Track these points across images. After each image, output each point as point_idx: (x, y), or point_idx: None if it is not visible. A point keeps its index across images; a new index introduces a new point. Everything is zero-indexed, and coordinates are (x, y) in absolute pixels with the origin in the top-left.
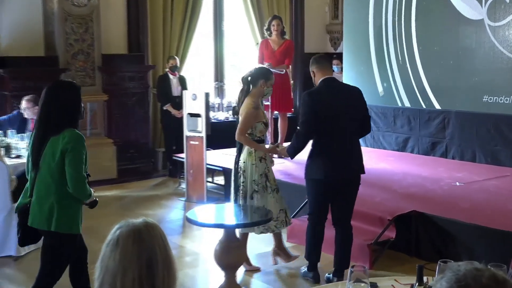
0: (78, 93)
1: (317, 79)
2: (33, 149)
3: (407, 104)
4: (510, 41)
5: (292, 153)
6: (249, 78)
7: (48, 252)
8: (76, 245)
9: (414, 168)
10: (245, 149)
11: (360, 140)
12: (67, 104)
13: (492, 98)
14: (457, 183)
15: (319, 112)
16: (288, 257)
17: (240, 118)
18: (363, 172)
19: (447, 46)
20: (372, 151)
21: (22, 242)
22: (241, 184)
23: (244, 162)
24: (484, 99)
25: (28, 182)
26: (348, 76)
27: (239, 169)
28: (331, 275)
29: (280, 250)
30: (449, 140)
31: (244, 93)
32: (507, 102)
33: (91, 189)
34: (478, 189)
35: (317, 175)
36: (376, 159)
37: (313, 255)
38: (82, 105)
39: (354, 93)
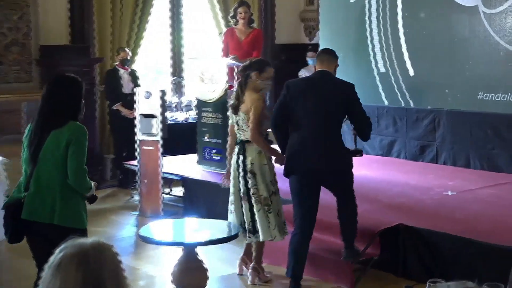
0: (82, 87)
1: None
2: (31, 142)
3: (392, 102)
4: (508, 30)
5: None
6: (243, 69)
7: (46, 248)
8: None
9: (400, 175)
10: (252, 149)
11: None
12: (72, 97)
13: (488, 95)
14: (449, 192)
15: (291, 102)
16: (265, 276)
17: (251, 116)
18: (343, 167)
19: (437, 36)
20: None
21: (13, 239)
22: (252, 188)
23: (252, 163)
24: (479, 96)
25: (23, 177)
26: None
27: (246, 172)
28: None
29: (259, 268)
30: (440, 143)
31: (242, 86)
32: (505, 99)
33: (91, 182)
34: (473, 199)
35: (288, 165)
36: (358, 166)
37: (297, 270)
38: (83, 100)
39: (343, 88)
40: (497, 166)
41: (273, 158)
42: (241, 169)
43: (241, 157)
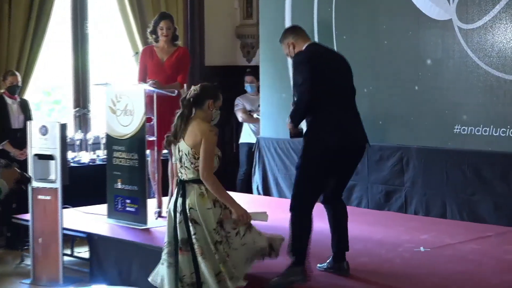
0: None
1: (299, 48)
2: None
3: None
4: (488, 50)
5: (297, 122)
6: (192, 98)
7: None
8: None
9: (362, 228)
10: (193, 191)
11: (285, 189)
12: None
13: (466, 128)
14: (422, 249)
15: (321, 72)
16: None
17: (202, 149)
18: (368, 142)
19: (402, 56)
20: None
21: None
22: (193, 237)
23: (191, 208)
24: (455, 130)
25: None
26: (266, 99)
27: (187, 219)
28: (325, 264)
29: None
30: (409, 187)
31: (185, 119)
32: (487, 133)
33: None
34: (451, 257)
35: (325, 142)
36: (315, 217)
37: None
38: None
39: (345, 60)
40: (479, 216)
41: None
42: (178, 215)
43: (180, 200)
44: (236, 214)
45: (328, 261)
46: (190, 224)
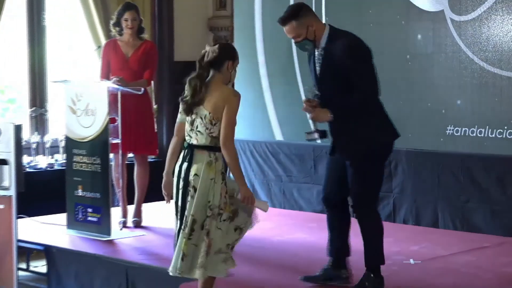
0: None
1: (320, 31)
2: None
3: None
4: (483, 43)
5: (345, 118)
6: (211, 60)
7: None
8: None
9: (353, 239)
10: (202, 157)
11: (262, 197)
12: None
13: (459, 129)
14: (412, 261)
15: (372, 63)
16: None
17: (225, 116)
18: None
19: (390, 50)
20: (283, 213)
21: None
22: (188, 205)
23: (195, 174)
24: (448, 131)
25: None
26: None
27: (188, 185)
28: (318, 274)
29: None
30: (398, 194)
31: (203, 80)
32: (482, 135)
33: None
34: (443, 269)
35: (387, 138)
36: (290, 227)
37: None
38: None
39: None
40: (474, 225)
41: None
42: (181, 181)
43: (185, 165)
44: (242, 194)
45: (323, 268)
46: (188, 190)
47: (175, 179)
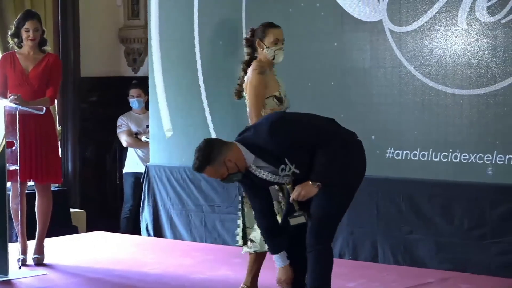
0: None
1: (239, 157)
2: None
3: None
4: (425, 57)
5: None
6: (245, 43)
7: None
8: None
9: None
10: None
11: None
12: None
13: (400, 152)
14: None
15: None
16: None
17: (248, 94)
18: None
19: (322, 65)
20: (204, 248)
21: None
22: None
23: None
24: (387, 155)
25: None
26: (156, 118)
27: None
28: None
29: None
30: None
31: (245, 64)
32: (425, 158)
33: None
34: None
35: (358, 177)
36: (212, 263)
37: None
38: None
39: None
40: (417, 258)
41: None
42: None
43: None
44: None
45: None
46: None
47: None
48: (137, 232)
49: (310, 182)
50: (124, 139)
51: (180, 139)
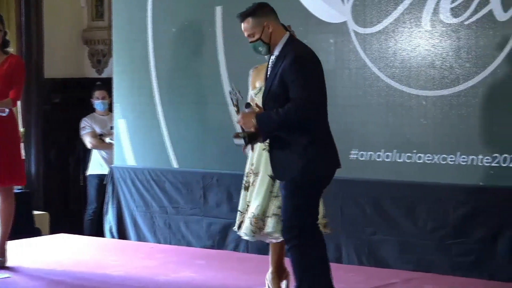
0: None
1: (278, 36)
2: None
3: (224, 166)
4: (390, 59)
5: (273, 129)
6: None
7: None
8: None
9: (240, 277)
10: None
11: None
12: None
13: (364, 153)
14: None
15: (321, 80)
16: None
17: None
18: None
19: None
20: (168, 249)
21: None
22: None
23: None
24: (351, 156)
25: None
26: (122, 116)
27: None
28: None
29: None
30: None
31: None
32: (389, 159)
33: None
34: None
35: (322, 170)
36: (176, 264)
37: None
38: None
39: None
40: (381, 259)
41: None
42: None
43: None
44: None
45: None
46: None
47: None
48: (101, 234)
49: (253, 118)
50: (88, 141)
51: (144, 141)
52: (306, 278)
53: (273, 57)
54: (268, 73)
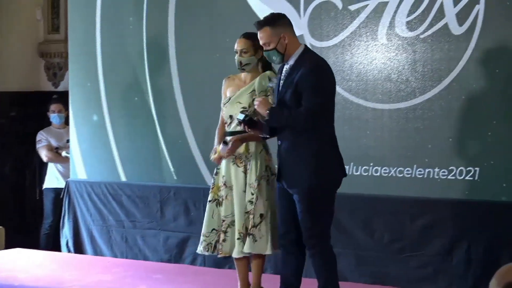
0: None
1: (292, 48)
2: None
3: (185, 179)
4: (346, 72)
5: (279, 124)
6: None
7: None
8: None
9: None
10: None
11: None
12: None
13: None
14: None
15: (334, 90)
16: None
17: None
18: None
19: None
20: (125, 264)
21: None
22: None
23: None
24: None
25: None
26: (77, 133)
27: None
28: None
29: None
30: None
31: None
32: (358, 173)
33: None
34: None
35: (337, 175)
36: (132, 279)
37: None
38: None
39: None
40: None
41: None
42: None
43: None
44: None
45: None
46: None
47: None
48: (57, 248)
49: (268, 107)
50: (44, 154)
51: (100, 154)
52: (331, 278)
53: (287, 66)
54: (281, 81)
